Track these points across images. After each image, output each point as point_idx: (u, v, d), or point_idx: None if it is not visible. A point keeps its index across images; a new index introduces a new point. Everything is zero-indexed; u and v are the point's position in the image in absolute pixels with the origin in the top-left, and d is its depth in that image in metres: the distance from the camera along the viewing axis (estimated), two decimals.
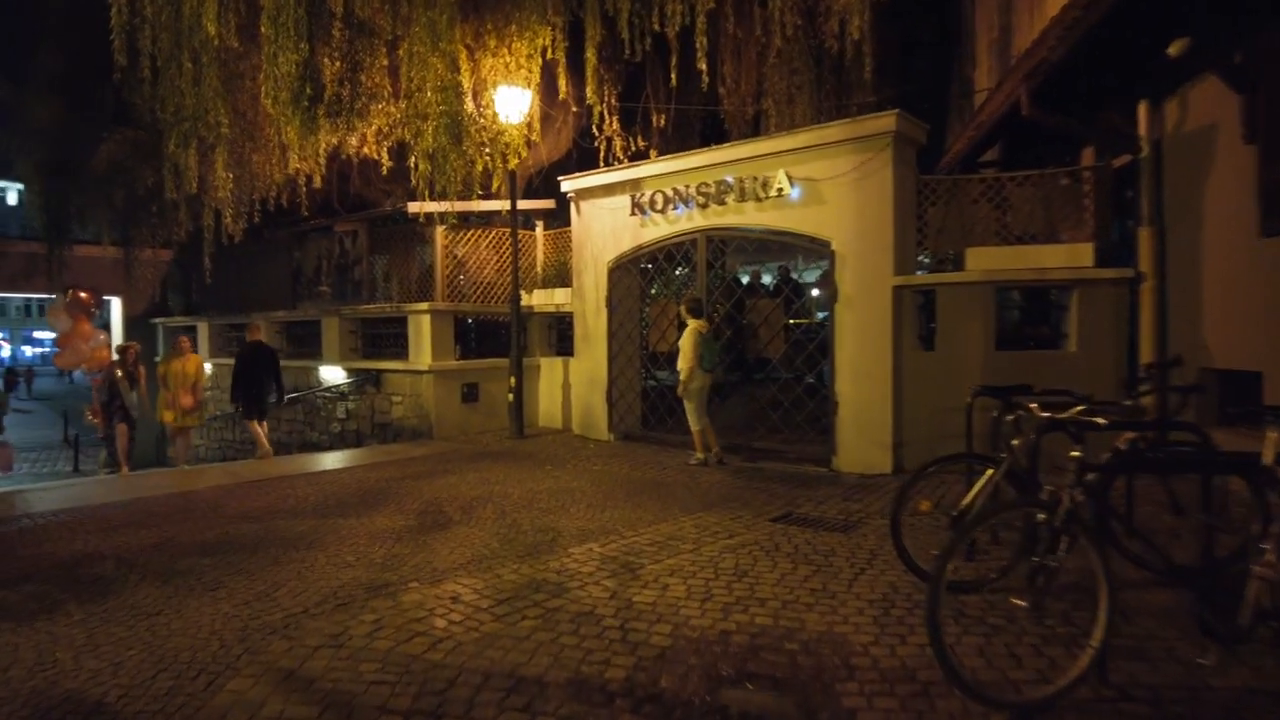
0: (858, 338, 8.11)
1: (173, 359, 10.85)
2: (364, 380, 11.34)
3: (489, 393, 11.10)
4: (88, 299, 12.15)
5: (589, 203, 10.67)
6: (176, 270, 17.83)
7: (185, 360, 10.78)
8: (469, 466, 8.38)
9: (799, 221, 8.52)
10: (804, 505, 6.63)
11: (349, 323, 11.92)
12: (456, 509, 6.40)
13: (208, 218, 9.74)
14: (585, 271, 10.70)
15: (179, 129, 8.62)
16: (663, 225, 9.74)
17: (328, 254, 13.22)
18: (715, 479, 7.72)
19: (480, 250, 12.13)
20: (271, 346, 11.32)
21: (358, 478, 7.82)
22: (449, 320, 10.74)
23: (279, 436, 13.39)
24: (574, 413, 11.01)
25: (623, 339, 10.30)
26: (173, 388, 10.50)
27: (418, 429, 10.65)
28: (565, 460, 8.82)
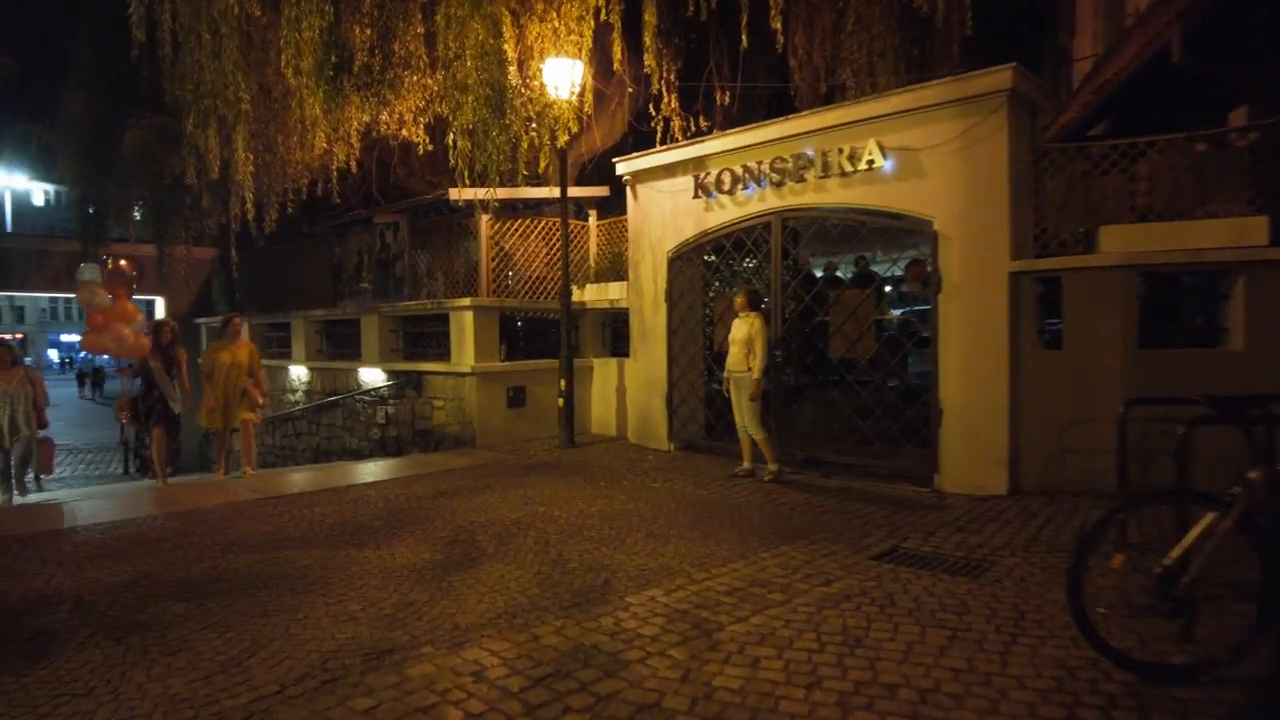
0: (967, 334, 6.89)
1: (220, 348, 8.67)
2: (404, 383, 10.50)
3: (537, 397, 10.13)
4: (129, 268, 9.74)
5: (647, 186, 9.62)
6: (219, 269, 17.40)
7: (236, 348, 8.63)
8: (511, 481, 7.40)
9: (893, 198, 7.33)
10: (910, 537, 5.46)
11: (389, 321, 11.10)
12: (492, 537, 5.40)
13: (235, 206, 8.97)
14: (642, 262, 9.66)
15: (198, 107, 7.85)
16: (730, 208, 8.63)
17: (368, 248, 12.46)
18: (796, 501, 6.59)
19: (529, 242, 11.20)
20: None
21: (386, 495, 6.90)
22: (494, 317, 9.81)
23: (318, 442, 12.70)
24: (630, 419, 9.98)
25: (684, 337, 9.23)
26: (221, 383, 8.44)
27: (460, 436, 9.75)
28: (620, 475, 7.77)
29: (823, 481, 7.38)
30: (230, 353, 8.63)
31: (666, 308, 9.27)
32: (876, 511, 6.22)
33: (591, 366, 10.80)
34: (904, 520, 5.95)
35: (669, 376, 9.26)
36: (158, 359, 8.50)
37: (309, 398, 12.96)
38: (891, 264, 11.27)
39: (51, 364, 58.26)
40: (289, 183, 9.90)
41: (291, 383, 13.50)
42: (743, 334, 7.27)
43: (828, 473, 7.67)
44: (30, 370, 8.72)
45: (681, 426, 9.25)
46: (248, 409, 8.71)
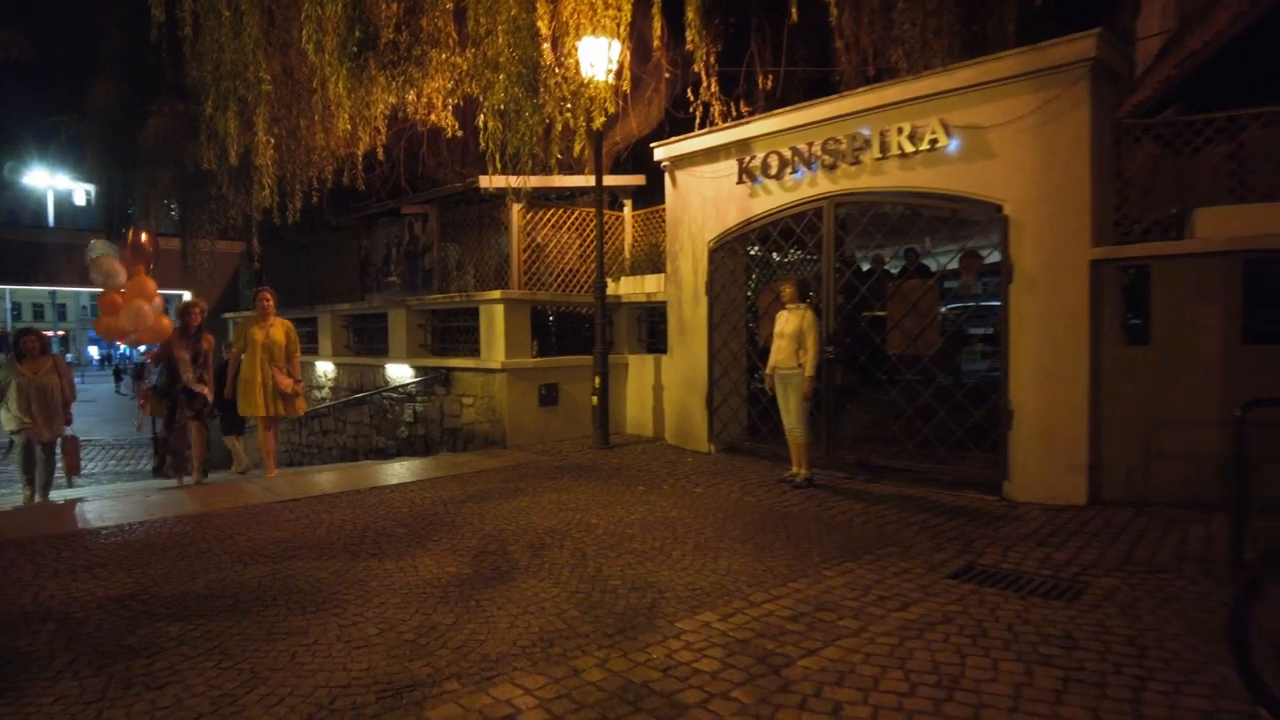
0: (1042, 328, 6.29)
1: (252, 324, 7.86)
2: (433, 380, 10.09)
3: (570, 395, 9.67)
4: (148, 243, 8.33)
5: (686, 172, 9.11)
6: (246, 263, 17.19)
7: (270, 325, 7.84)
8: (545, 484, 6.94)
9: (957, 180, 6.74)
10: (987, 552, 4.90)
11: (417, 315, 10.71)
12: (525, 548, 4.93)
13: (258, 195, 8.60)
14: (681, 253, 9.15)
15: (217, 88, 7.49)
16: (777, 194, 8.09)
17: (396, 241, 12.09)
18: (853, 510, 6.04)
19: (562, 233, 10.74)
20: None
21: (411, 499, 6.47)
22: (525, 311, 9.36)
23: (345, 440, 12.37)
24: (667, 419, 9.47)
25: (726, 333, 8.70)
26: (257, 365, 7.70)
27: (490, 435, 9.31)
28: (660, 478, 7.28)
29: (878, 488, 6.83)
30: (263, 330, 7.83)
31: (707, 301, 8.76)
32: (944, 523, 5.67)
33: (627, 363, 10.31)
34: (976, 532, 5.39)
35: (709, 374, 8.75)
36: (184, 347, 7.77)
37: (336, 395, 12.64)
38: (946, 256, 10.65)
39: (92, 361, 59.08)
40: (314, 171, 9.53)
41: (318, 379, 13.20)
42: (793, 327, 6.74)
43: (883, 478, 7.12)
44: (59, 360, 7.99)
45: (723, 427, 8.73)
46: (278, 403, 7.94)
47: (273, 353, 7.83)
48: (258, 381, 7.73)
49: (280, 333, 7.94)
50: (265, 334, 7.81)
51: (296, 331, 8.28)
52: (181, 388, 7.79)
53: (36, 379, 7.52)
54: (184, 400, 7.83)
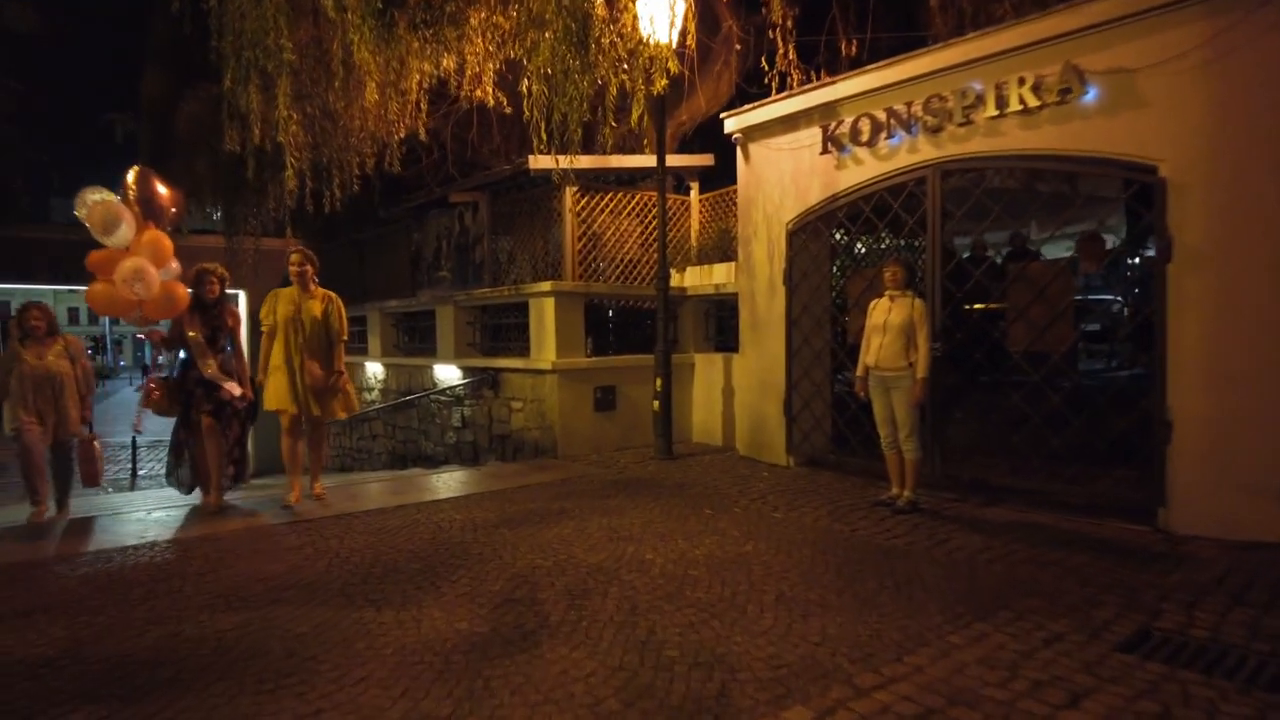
0: (1213, 317, 5.03)
1: (283, 295, 6.22)
2: (480, 382, 9.30)
3: (629, 399, 8.73)
4: (168, 200, 6.24)
5: (761, 145, 8.05)
6: None
7: (308, 297, 6.19)
8: (595, 505, 6.00)
9: (1097, 137, 5.52)
10: (1164, 610, 3.75)
11: (465, 312, 9.94)
12: (560, 594, 3.98)
13: (292, 181, 7.90)
14: (755, 238, 8.10)
15: (237, 60, 6.81)
16: (869, 163, 6.97)
17: (447, 233, 11.39)
18: (973, 544, 4.91)
19: (621, 220, 9.82)
20: None
21: (438, 521, 5.62)
22: (578, 305, 8.46)
23: (393, 445, 11.72)
24: (739, 427, 8.43)
25: (807, 328, 7.61)
26: (288, 347, 6.06)
27: (540, 443, 8.45)
28: (731, 498, 6.26)
29: (996, 514, 5.67)
30: (295, 302, 6.11)
31: (785, 291, 7.69)
32: (1089, 563, 4.50)
33: (693, 363, 9.32)
34: (1137, 578, 4.21)
35: (788, 375, 7.67)
36: (198, 325, 6.06)
37: (385, 397, 12.02)
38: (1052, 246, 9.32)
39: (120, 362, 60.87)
40: (352, 155, 8.83)
41: (368, 380, 12.61)
42: (900, 319, 5.64)
43: (1000, 501, 5.95)
44: (72, 343, 6.44)
45: (803, 437, 7.64)
46: (334, 397, 6.30)
47: (307, 332, 6.09)
48: (284, 368, 6.08)
49: (318, 306, 6.17)
50: (298, 307, 6.10)
51: (345, 311, 6.49)
52: (198, 378, 6.05)
53: (41, 365, 6.06)
54: (201, 395, 6.08)
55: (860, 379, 6.02)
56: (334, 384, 6.27)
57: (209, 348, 6.10)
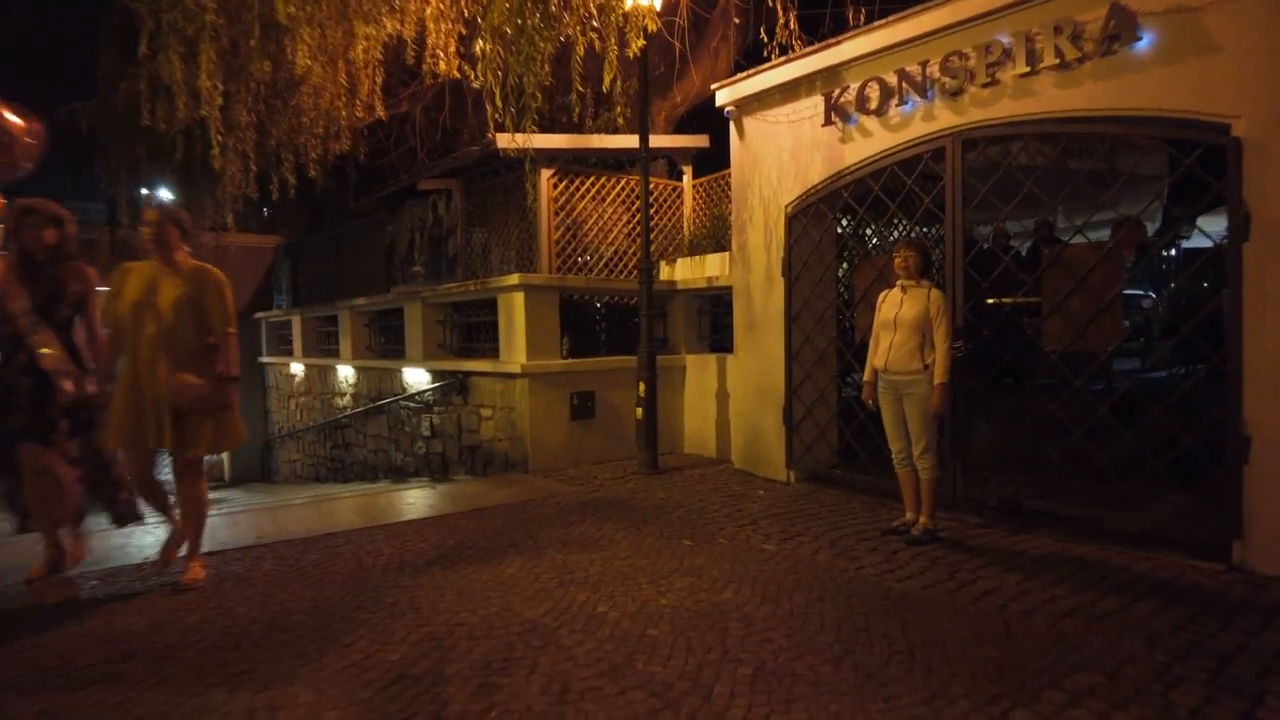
0: None
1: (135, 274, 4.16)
2: (449, 387, 8.47)
3: (610, 405, 7.87)
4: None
5: (757, 118, 7.18)
6: (282, 258, 16.11)
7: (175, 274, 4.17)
8: (554, 535, 5.15)
9: (1153, 93, 4.63)
10: (1268, 688, 2.86)
11: (434, 310, 9.11)
12: (473, 670, 3.11)
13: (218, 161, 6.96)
14: (750, 224, 7.23)
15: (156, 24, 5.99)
16: (878, 135, 6.09)
17: (420, 225, 10.56)
18: (1005, 588, 4.02)
19: (605, 207, 8.97)
20: None
21: (361, 556, 4.78)
22: (552, 301, 7.60)
23: (365, 455, 10.91)
24: (734, 437, 7.56)
25: (809, 325, 6.74)
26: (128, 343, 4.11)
27: (510, 455, 7.61)
28: (716, 524, 5.39)
29: (1031, 544, 4.79)
30: (149, 280, 4.13)
31: (784, 284, 6.81)
32: (1154, 615, 3.62)
33: (684, 365, 8.46)
34: (1220, 640, 3.33)
35: (788, 379, 6.80)
36: (22, 289, 4.14)
37: (356, 402, 11.21)
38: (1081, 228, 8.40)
39: None
40: (305, 135, 8.02)
41: (339, 385, 11.81)
42: (914, 313, 4.78)
43: (1034, 527, 5.06)
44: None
45: (805, 450, 6.76)
46: (198, 425, 4.15)
47: (165, 322, 4.09)
48: (126, 379, 4.13)
49: (179, 287, 4.14)
50: (151, 287, 4.12)
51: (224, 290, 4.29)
52: (24, 366, 4.12)
53: None
54: (26, 395, 4.13)
55: (868, 384, 5.14)
56: (211, 399, 4.16)
57: (42, 323, 4.15)
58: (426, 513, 5.89)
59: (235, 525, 5.65)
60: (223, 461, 16.71)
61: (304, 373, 13.28)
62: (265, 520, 5.76)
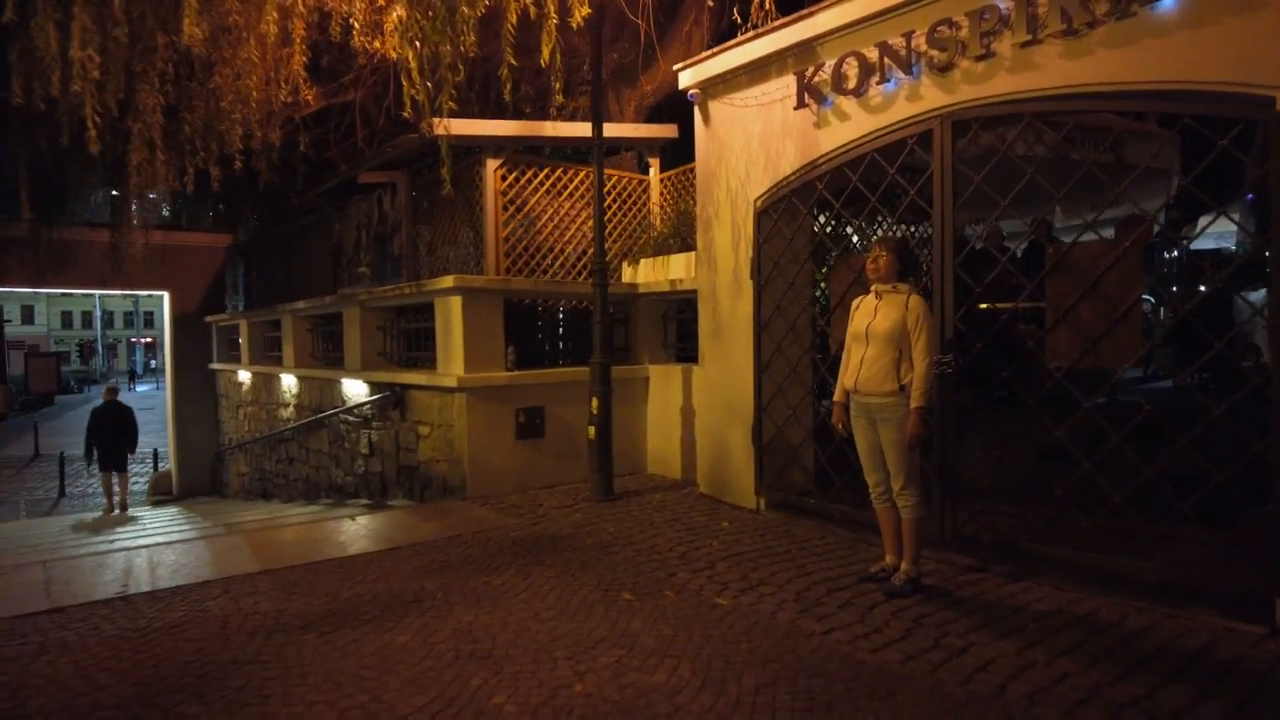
0: None
1: None
2: (386, 400, 7.70)
3: (563, 423, 7.13)
4: None
5: (724, 102, 6.47)
6: (237, 258, 15.28)
7: None
8: (470, 584, 4.41)
9: (1177, 62, 3.94)
10: None
11: (373, 315, 8.35)
12: None
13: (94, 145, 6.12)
14: (717, 220, 6.51)
15: None
16: (857, 118, 5.38)
17: (366, 222, 9.79)
18: (1007, 661, 3.31)
19: (562, 202, 8.23)
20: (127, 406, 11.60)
21: (228, 613, 4.02)
22: (494, 306, 6.85)
23: (308, 471, 10.13)
24: (700, 457, 6.82)
25: (780, 334, 6.02)
26: None
27: (449, 478, 6.85)
28: (666, 569, 4.65)
29: (1032, 596, 4.09)
30: None
31: (753, 287, 6.10)
32: (1193, 706, 2.90)
33: (647, 377, 7.73)
34: None
35: (756, 395, 6.08)
36: None
37: (299, 414, 10.41)
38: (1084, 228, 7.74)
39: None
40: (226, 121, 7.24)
41: (283, 395, 11.01)
42: (888, 325, 4.07)
43: (1036, 574, 4.36)
44: None
45: (776, 474, 6.04)
46: None
47: None
48: None
49: None
50: None
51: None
52: None
53: None
54: None
55: (838, 405, 4.42)
56: None
57: None
58: (333, 552, 5.12)
59: (104, 568, 4.88)
60: (171, 474, 15.95)
61: (251, 381, 12.49)
62: (141, 562, 4.99)
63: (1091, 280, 4.27)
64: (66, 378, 41.57)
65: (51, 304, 57.85)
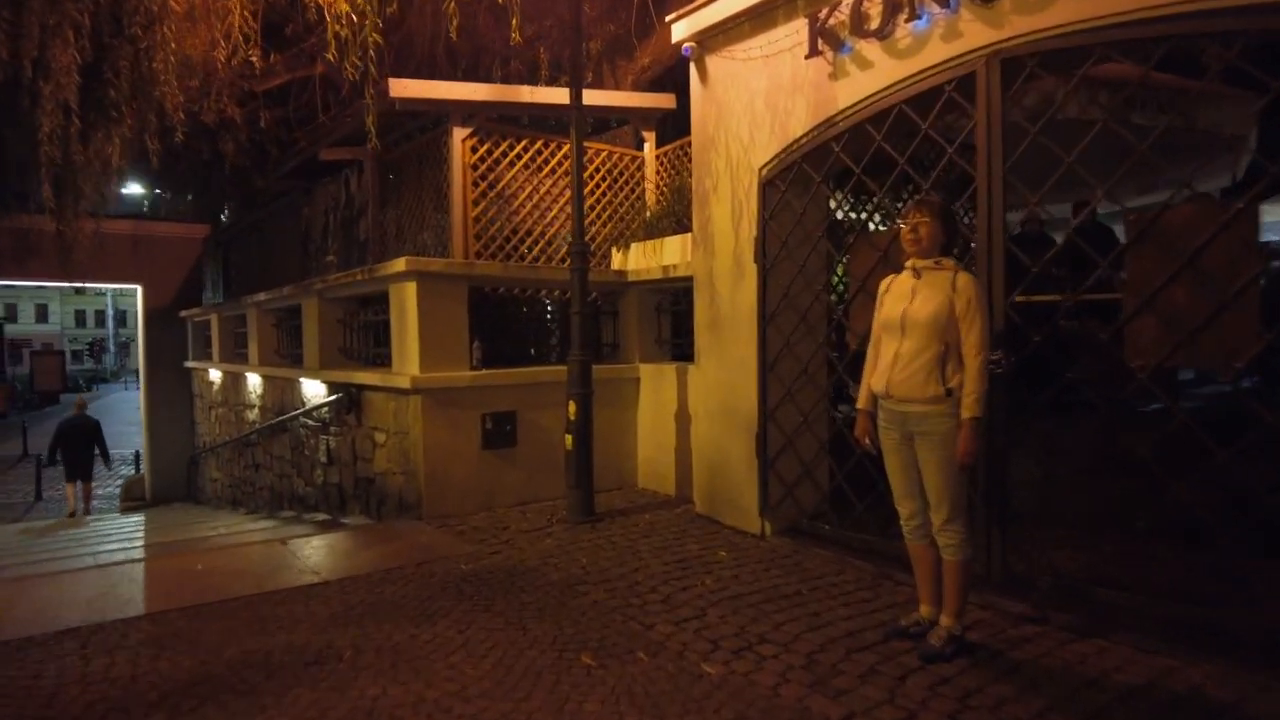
0: None
1: None
2: (341, 403, 6.84)
3: (540, 430, 6.26)
4: None
5: (724, 56, 5.57)
6: (214, 249, 14.45)
7: None
8: (396, 637, 3.54)
9: None
10: None
11: (332, 306, 7.49)
12: None
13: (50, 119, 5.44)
14: (715, 194, 5.61)
15: None
16: (881, 65, 4.47)
17: (334, 205, 8.94)
18: None
19: (543, 179, 7.33)
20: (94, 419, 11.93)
21: (73, 677, 3.17)
22: (457, 294, 5.96)
23: (272, 480, 9.29)
24: (696, 471, 5.92)
25: (790, 326, 5.12)
26: None
27: (405, 494, 5.98)
28: (643, 619, 3.76)
29: (1109, 661, 3.21)
30: None
31: (757, 271, 5.19)
32: None
33: (637, 377, 6.84)
34: None
35: (761, 398, 5.18)
36: None
37: (264, 416, 9.58)
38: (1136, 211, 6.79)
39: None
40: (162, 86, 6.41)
41: (249, 396, 10.19)
42: (930, 310, 3.18)
43: (1110, 627, 3.45)
44: None
45: (785, 492, 5.14)
46: None
47: None
48: None
49: None
50: None
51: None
52: None
53: None
54: None
55: (863, 414, 3.52)
56: None
57: None
58: (244, 588, 4.25)
59: None
60: (144, 479, 15.18)
61: (221, 380, 11.68)
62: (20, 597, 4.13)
63: (1187, 255, 3.34)
64: (74, 376, 41.24)
65: (65, 302, 57.53)
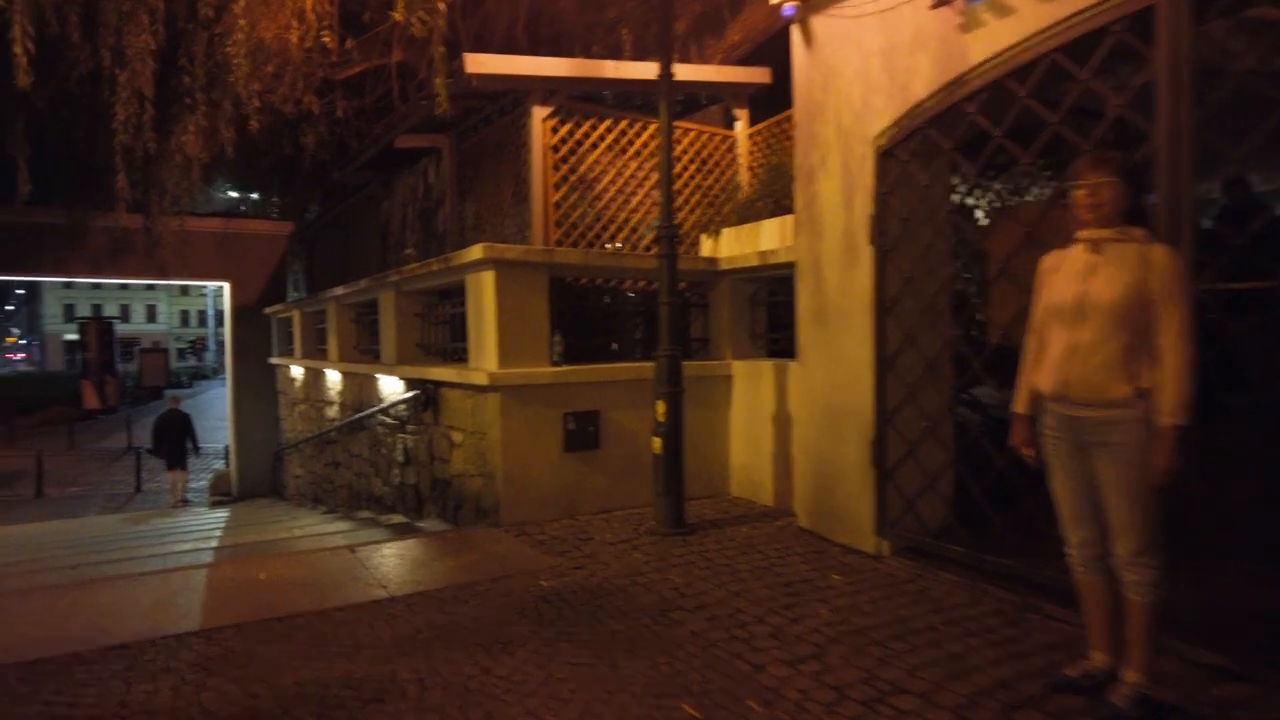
0: None
1: None
2: (419, 400, 6.51)
3: (625, 431, 5.78)
4: None
5: (831, 15, 4.96)
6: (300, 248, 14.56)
7: None
8: (463, 669, 3.10)
9: None
10: None
11: (409, 299, 7.19)
12: None
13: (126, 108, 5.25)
14: (822, 169, 5.01)
15: None
16: (1026, 9, 3.80)
17: (412, 196, 8.67)
18: None
19: (628, 161, 6.85)
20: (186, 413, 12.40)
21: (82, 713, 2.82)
22: (537, 284, 5.52)
23: (350, 479, 9.10)
24: (798, 479, 5.34)
25: (913, 317, 4.49)
26: None
27: (482, 497, 5.59)
28: (752, 654, 3.23)
29: None
30: None
31: (873, 255, 4.58)
32: None
33: (729, 375, 6.29)
34: None
35: (878, 399, 4.57)
36: None
37: (343, 413, 9.42)
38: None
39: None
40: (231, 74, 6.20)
41: (329, 392, 10.06)
42: (1117, 291, 2.56)
43: None
44: None
45: (905, 507, 4.51)
46: None
47: None
48: None
49: None
50: None
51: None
52: None
53: None
54: None
55: (1022, 419, 2.90)
56: None
57: None
58: (307, 603, 3.89)
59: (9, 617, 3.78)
60: (230, 474, 15.42)
61: (303, 376, 11.64)
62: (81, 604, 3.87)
63: None
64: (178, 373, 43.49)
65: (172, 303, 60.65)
